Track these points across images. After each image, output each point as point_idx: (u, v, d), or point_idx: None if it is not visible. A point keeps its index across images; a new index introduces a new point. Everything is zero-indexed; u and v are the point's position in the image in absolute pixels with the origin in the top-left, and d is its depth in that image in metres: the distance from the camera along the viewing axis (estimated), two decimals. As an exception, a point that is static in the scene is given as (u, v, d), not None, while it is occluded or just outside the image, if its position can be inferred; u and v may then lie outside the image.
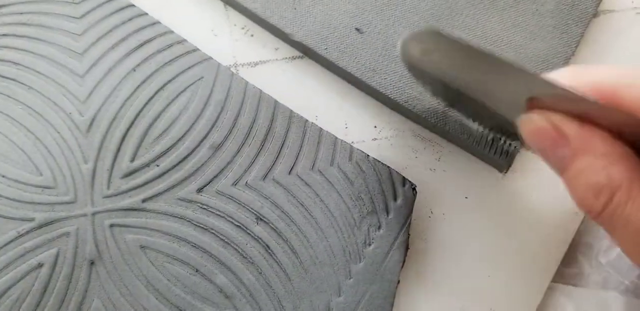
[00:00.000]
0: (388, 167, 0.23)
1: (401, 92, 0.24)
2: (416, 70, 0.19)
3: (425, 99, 0.24)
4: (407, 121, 0.25)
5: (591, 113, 0.14)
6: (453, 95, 0.20)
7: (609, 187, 0.14)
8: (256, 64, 0.27)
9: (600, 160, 0.14)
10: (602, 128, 0.14)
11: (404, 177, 0.23)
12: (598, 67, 0.15)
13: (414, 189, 0.23)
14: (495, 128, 0.22)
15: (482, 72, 0.16)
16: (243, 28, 0.27)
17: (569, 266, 0.23)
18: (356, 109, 0.25)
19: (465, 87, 0.18)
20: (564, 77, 0.15)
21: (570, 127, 0.14)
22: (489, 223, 0.23)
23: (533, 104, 0.15)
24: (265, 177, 0.23)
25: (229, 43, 0.27)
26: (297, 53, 0.27)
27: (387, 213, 0.22)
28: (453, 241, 0.23)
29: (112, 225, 0.22)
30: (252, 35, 0.27)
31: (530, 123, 0.15)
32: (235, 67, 0.27)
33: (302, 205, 0.22)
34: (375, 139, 0.25)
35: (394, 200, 0.22)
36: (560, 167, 0.15)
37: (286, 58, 0.27)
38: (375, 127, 0.25)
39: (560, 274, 0.23)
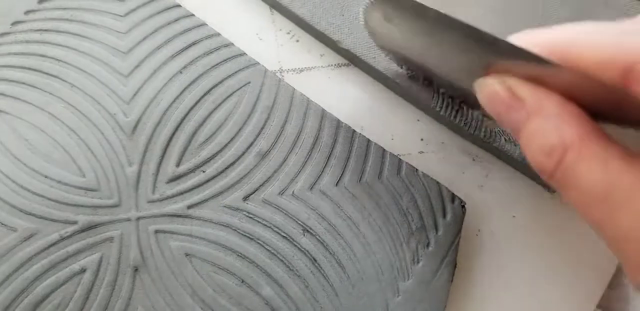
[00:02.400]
0: (437, 182, 0.23)
1: (451, 107, 0.24)
2: (377, 37, 0.19)
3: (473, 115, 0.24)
4: (455, 135, 0.25)
5: (546, 76, 0.14)
6: (415, 64, 0.20)
7: (560, 147, 0.14)
8: (301, 70, 0.26)
9: (552, 120, 0.14)
10: (556, 90, 0.14)
11: (453, 194, 0.22)
12: (553, 27, 0.15)
13: (463, 206, 0.22)
14: (459, 98, 0.21)
15: (441, 38, 0.16)
16: (289, 33, 0.27)
17: (614, 289, 0.23)
18: (403, 121, 0.25)
19: (425, 56, 0.17)
20: (520, 38, 0.15)
21: (524, 90, 0.14)
22: (536, 243, 0.23)
23: (490, 70, 0.15)
24: (312, 187, 0.23)
25: (274, 48, 0.26)
26: (343, 60, 0.26)
27: (437, 230, 0.22)
28: (501, 261, 0.23)
29: (157, 231, 0.21)
30: (297, 41, 0.27)
31: (486, 87, 0.16)
32: (281, 72, 0.26)
33: (349, 218, 0.22)
34: (422, 152, 0.25)
35: (443, 217, 0.22)
36: (516, 131, 0.15)
37: (331, 65, 0.26)
38: (422, 139, 0.25)
39: (606, 297, 0.23)
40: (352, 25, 0.25)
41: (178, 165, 0.23)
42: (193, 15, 0.25)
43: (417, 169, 0.23)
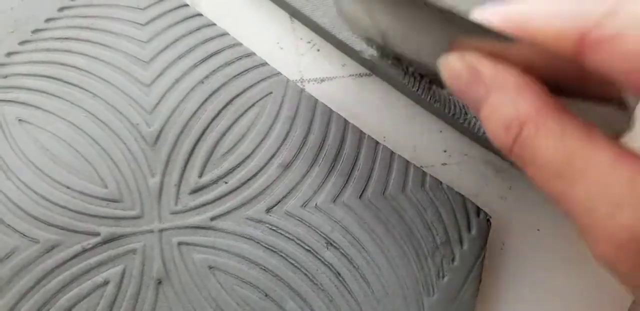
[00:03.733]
0: (462, 195, 0.22)
1: (472, 117, 0.24)
2: (347, 19, 0.19)
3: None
4: (477, 147, 0.25)
5: (506, 51, 0.14)
6: (383, 43, 0.20)
7: (517, 120, 0.14)
8: (322, 80, 0.26)
9: (509, 95, 0.14)
10: (517, 65, 0.14)
11: (478, 207, 0.22)
12: (513, 1, 0.15)
13: (488, 220, 0.22)
14: (427, 77, 0.21)
15: (405, 16, 0.16)
16: (309, 42, 0.27)
17: (640, 305, 0.23)
18: (425, 132, 0.25)
19: (392, 35, 0.17)
20: (480, 13, 0.15)
21: (483, 65, 0.15)
22: (561, 258, 0.23)
23: (453, 47, 0.15)
24: (335, 199, 0.22)
25: (295, 57, 0.26)
26: (364, 70, 0.26)
27: (461, 244, 0.22)
28: (526, 276, 0.23)
29: (180, 243, 0.21)
30: (318, 50, 0.27)
31: (447, 64, 0.16)
32: (302, 82, 0.26)
33: (373, 231, 0.22)
34: (445, 164, 0.24)
35: (468, 231, 0.22)
36: (477, 108, 0.15)
37: (353, 75, 0.26)
38: (445, 151, 0.25)
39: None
40: (374, 35, 0.25)
41: (200, 176, 0.22)
42: (214, 24, 0.25)
43: (441, 182, 0.23)
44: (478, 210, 0.22)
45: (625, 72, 0.12)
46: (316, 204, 0.22)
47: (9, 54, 0.24)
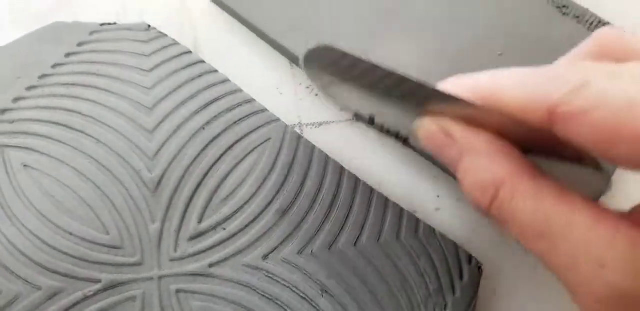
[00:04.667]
0: (454, 243, 0.23)
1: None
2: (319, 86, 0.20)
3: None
4: (470, 193, 0.25)
5: (476, 117, 0.15)
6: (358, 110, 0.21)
7: (492, 184, 0.14)
8: (320, 124, 0.27)
9: (484, 159, 0.15)
10: (489, 129, 0.15)
11: (470, 255, 0.23)
12: (479, 74, 0.15)
13: (479, 267, 0.23)
14: (404, 135, 0.22)
15: (377, 88, 0.17)
16: (308, 87, 0.27)
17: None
18: (419, 177, 0.26)
19: (365, 104, 0.18)
20: (449, 84, 0.16)
21: (456, 130, 0.15)
22: (553, 306, 0.23)
23: (427, 111, 0.16)
24: (330, 246, 0.23)
25: (294, 102, 0.27)
26: (360, 115, 0.27)
27: (454, 292, 0.22)
28: (517, 324, 0.23)
29: (178, 291, 0.22)
30: (316, 95, 0.27)
31: (422, 128, 0.17)
32: (300, 126, 0.27)
33: (367, 280, 0.22)
34: (438, 209, 0.25)
35: (460, 279, 0.22)
36: (453, 168, 0.16)
37: (350, 120, 0.27)
38: (438, 196, 0.25)
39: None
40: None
41: (200, 222, 0.23)
42: (217, 71, 0.26)
43: (434, 229, 0.23)
44: (470, 258, 0.23)
45: (594, 143, 0.13)
46: (312, 251, 0.23)
47: (15, 100, 0.25)
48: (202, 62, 0.26)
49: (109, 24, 0.27)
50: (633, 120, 0.12)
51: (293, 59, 0.27)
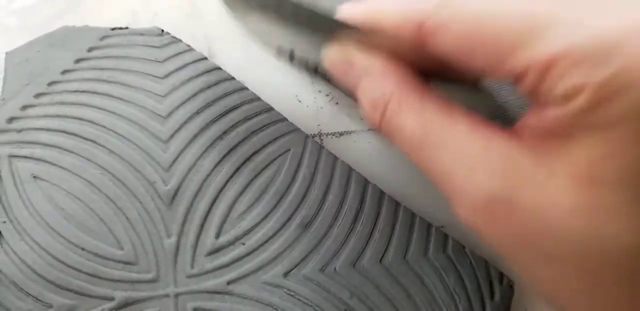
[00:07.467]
0: (485, 260, 0.22)
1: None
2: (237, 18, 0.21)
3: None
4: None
5: (371, 42, 0.16)
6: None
7: (381, 100, 0.16)
8: (341, 134, 0.26)
9: (376, 78, 0.16)
10: (385, 52, 0.16)
11: (502, 273, 0.22)
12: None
13: (511, 286, 0.22)
14: (313, 66, 0.22)
15: (286, 18, 0.18)
16: (327, 95, 0.26)
17: None
18: (445, 190, 0.25)
19: (278, 34, 0.19)
20: (343, 10, 0.16)
21: (356, 55, 0.17)
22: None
23: (333, 39, 0.17)
24: (354, 263, 0.22)
25: (314, 110, 0.26)
26: (382, 124, 0.26)
27: (485, 312, 0.21)
28: (551, 346, 0.22)
29: (195, 309, 0.21)
30: (336, 103, 0.26)
31: (327, 55, 0.18)
32: (320, 136, 0.26)
33: (393, 298, 0.21)
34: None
35: (491, 298, 0.21)
36: (354, 92, 0.17)
37: (372, 129, 0.26)
38: (464, 210, 0.24)
39: None
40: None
41: (217, 236, 0.22)
42: (233, 78, 0.25)
43: (464, 246, 0.22)
44: (501, 276, 0.22)
45: (456, 55, 0.14)
46: (335, 268, 0.22)
47: (24, 107, 0.24)
48: (218, 68, 0.25)
49: (121, 28, 0.26)
50: (487, 28, 0.13)
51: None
